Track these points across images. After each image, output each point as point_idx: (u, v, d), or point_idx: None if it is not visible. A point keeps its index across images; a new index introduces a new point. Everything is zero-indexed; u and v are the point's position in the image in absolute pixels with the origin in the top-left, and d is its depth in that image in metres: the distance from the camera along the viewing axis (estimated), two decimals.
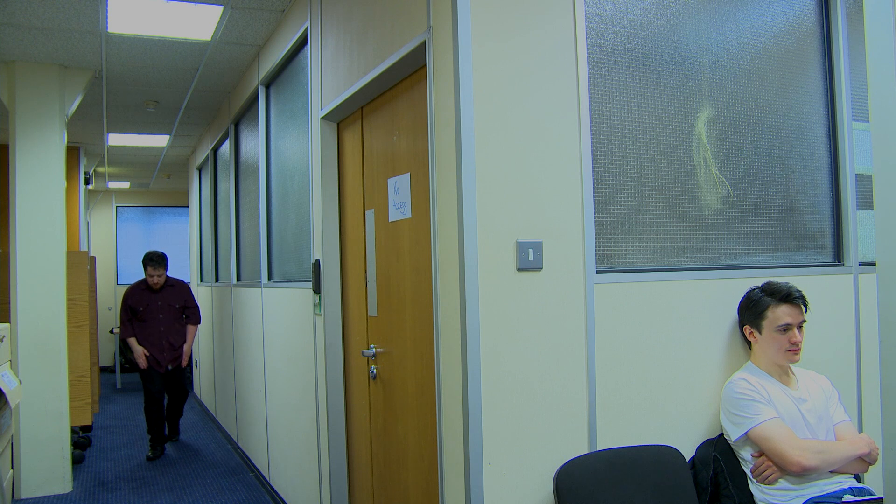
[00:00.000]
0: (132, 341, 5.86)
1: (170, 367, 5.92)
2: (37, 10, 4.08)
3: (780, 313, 2.37)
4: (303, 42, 3.89)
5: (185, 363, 6.01)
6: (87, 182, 8.40)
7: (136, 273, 11.61)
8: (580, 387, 2.26)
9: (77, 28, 4.36)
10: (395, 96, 2.82)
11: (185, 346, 6.04)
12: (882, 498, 2.10)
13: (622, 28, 2.45)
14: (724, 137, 2.64)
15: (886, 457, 0.90)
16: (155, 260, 5.87)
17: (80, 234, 7.82)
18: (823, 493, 2.24)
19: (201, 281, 7.99)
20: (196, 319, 6.16)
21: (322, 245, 3.46)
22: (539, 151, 2.23)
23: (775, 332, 2.37)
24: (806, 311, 2.42)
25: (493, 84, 2.17)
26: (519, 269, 2.19)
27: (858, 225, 2.84)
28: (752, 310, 2.44)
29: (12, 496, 4.42)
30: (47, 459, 4.84)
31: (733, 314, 2.54)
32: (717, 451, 2.37)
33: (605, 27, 2.41)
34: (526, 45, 2.23)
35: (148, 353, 5.83)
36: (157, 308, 5.92)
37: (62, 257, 4.93)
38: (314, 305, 3.62)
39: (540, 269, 2.22)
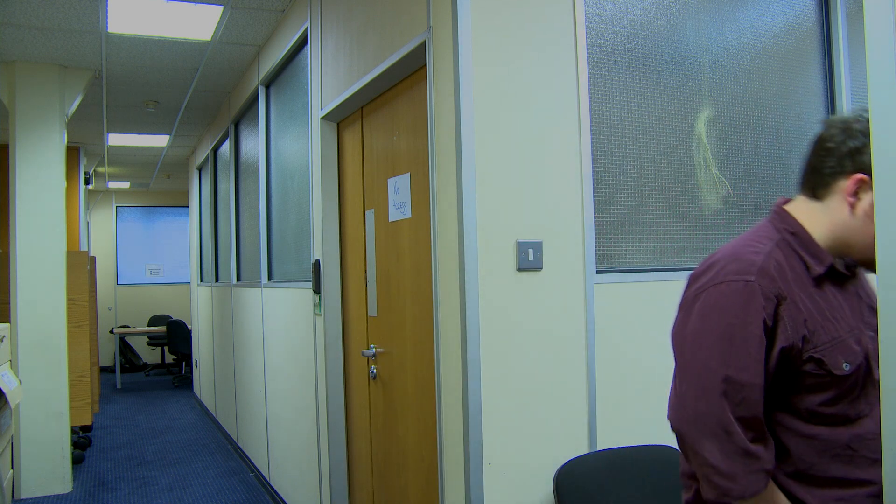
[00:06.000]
0: None
1: None
2: (37, 10, 4.08)
3: None
4: (303, 42, 3.89)
5: None
6: (87, 182, 8.40)
7: (136, 273, 11.63)
8: (580, 387, 2.26)
9: (77, 28, 4.36)
10: (395, 96, 2.82)
11: None
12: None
13: (622, 28, 2.45)
14: (724, 137, 2.64)
15: (886, 457, 0.90)
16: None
17: (80, 234, 7.81)
18: None
19: (201, 281, 7.99)
20: None
21: (322, 245, 3.46)
22: (539, 151, 2.23)
23: None
24: None
25: (493, 84, 2.17)
26: (519, 269, 2.19)
27: None
28: None
29: (12, 496, 4.42)
30: (47, 459, 4.83)
31: None
32: None
33: (605, 27, 2.41)
34: (526, 46, 2.23)
35: None
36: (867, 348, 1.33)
37: (62, 257, 4.93)
38: (314, 305, 3.62)
39: (540, 269, 2.21)
